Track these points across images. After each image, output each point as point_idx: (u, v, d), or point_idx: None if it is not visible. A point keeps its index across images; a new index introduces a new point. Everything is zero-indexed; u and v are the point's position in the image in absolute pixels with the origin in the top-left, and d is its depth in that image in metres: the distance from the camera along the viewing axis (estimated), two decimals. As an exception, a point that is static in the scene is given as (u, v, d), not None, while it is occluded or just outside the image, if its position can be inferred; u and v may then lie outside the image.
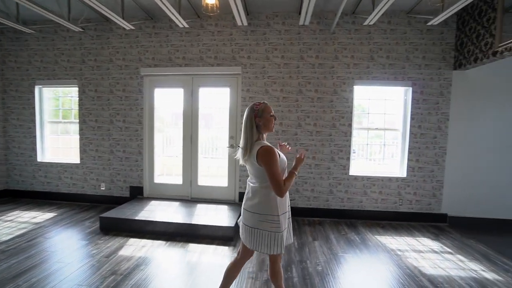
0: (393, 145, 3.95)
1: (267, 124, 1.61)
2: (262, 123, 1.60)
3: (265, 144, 1.55)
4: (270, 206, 1.56)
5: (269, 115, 1.61)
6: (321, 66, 3.74)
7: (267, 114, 1.61)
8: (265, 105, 1.63)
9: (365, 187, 3.79)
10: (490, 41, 3.04)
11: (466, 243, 3.15)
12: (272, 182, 1.49)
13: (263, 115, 1.59)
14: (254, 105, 1.62)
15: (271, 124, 1.63)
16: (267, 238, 1.56)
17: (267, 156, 1.49)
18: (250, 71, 3.84)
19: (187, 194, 4.12)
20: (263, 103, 1.63)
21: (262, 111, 1.60)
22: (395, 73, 3.67)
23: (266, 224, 1.56)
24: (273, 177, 1.47)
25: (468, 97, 3.64)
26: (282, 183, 1.49)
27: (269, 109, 1.63)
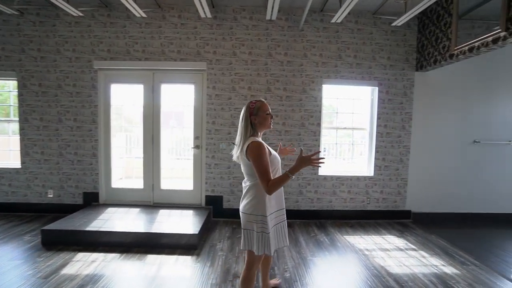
0: (362, 144, 3.99)
1: (263, 122, 1.59)
2: (257, 121, 1.58)
3: (255, 140, 1.52)
4: (259, 206, 1.54)
5: (265, 113, 1.59)
6: (289, 63, 3.64)
7: (262, 112, 1.59)
8: (262, 103, 1.61)
9: (334, 187, 3.77)
10: (447, 44, 3.15)
11: (428, 239, 3.25)
12: (260, 178, 1.45)
13: (258, 113, 1.58)
14: (250, 103, 1.61)
15: (267, 122, 1.61)
16: (255, 238, 1.54)
17: (255, 150, 1.47)
18: (216, 67, 3.63)
19: (148, 199, 3.80)
20: (259, 101, 1.62)
21: (257, 109, 1.58)
22: (362, 72, 3.69)
23: (254, 224, 1.55)
24: (260, 171, 1.45)
25: (429, 98, 3.78)
26: (268, 179, 1.44)
27: (265, 107, 1.61)
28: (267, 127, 1.63)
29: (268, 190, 1.44)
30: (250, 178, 1.59)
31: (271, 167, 1.51)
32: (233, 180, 3.73)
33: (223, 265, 2.56)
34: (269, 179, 1.44)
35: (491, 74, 3.80)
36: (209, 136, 3.70)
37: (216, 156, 3.71)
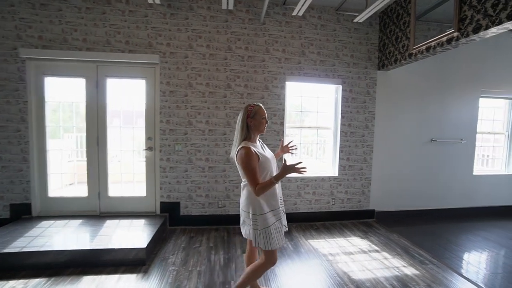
0: (327, 144, 3.89)
1: (258, 126, 1.69)
2: (253, 124, 1.68)
3: (245, 145, 1.60)
4: (253, 204, 1.63)
5: (261, 118, 1.69)
6: (251, 59, 3.42)
7: (259, 116, 1.68)
8: (259, 107, 1.69)
9: (299, 189, 3.62)
10: (407, 43, 3.14)
11: (390, 238, 3.23)
12: (248, 182, 1.58)
13: (255, 117, 1.67)
14: (249, 106, 1.69)
15: (262, 127, 1.72)
16: (258, 235, 1.63)
17: (243, 157, 1.56)
18: (170, 60, 3.28)
19: (94, 209, 3.34)
20: (257, 105, 1.70)
21: (255, 113, 1.67)
22: (326, 70, 3.59)
23: (248, 221, 1.68)
24: (248, 176, 1.57)
25: (390, 97, 3.79)
26: (256, 183, 1.55)
27: (262, 112, 1.71)
28: (261, 131, 1.73)
29: (256, 193, 1.56)
30: (243, 178, 1.68)
31: (262, 171, 1.63)
32: (191, 185, 3.42)
33: (173, 282, 2.26)
34: (256, 183, 1.55)
35: (444, 76, 3.93)
36: (163, 137, 3.34)
37: (171, 158, 3.37)
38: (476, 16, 2.29)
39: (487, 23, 2.20)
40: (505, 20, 2.07)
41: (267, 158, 1.68)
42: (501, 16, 2.10)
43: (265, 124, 1.73)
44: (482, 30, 2.23)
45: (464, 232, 3.53)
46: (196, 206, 3.46)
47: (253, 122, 1.67)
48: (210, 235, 3.23)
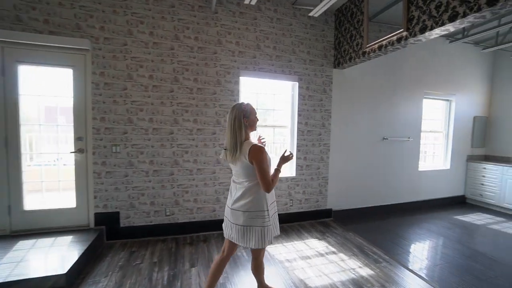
0: (285, 143, 3.76)
1: (252, 125, 1.71)
2: (248, 124, 1.67)
3: (255, 143, 1.64)
4: (261, 202, 1.66)
5: (254, 116, 1.71)
6: (201, 50, 3.09)
7: (253, 115, 1.70)
8: (250, 106, 1.70)
9: (256, 191, 3.42)
10: (360, 42, 3.14)
11: (346, 237, 3.21)
12: (262, 179, 1.59)
13: (250, 116, 1.67)
14: (242, 105, 1.67)
15: (255, 125, 1.74)
16: (259, 233, 1.65)
17: (259, 155, 1.59)
18: (105, 47, 2.80)
19: (2, 227, 2.69)
20: (248, 104, 1.70)
21: (249, 112, 1.67)
22: (282, 66, 3.44)
23: (259, 220, 1.65)
24: (264, 174, 1.58)
25: (345, 95, 3.81)
26: (270, 179, 1.61)
27: (254, 110, 1.73)
28: (254, 129, 1.75)
29: (269, 189, 1.61)
30: (249, 178, 1.66)
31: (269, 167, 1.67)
32: (133, 191, 2.98)
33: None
34: (270, 181, 1.61)
35: (393, 78, 4.09)
36: (97, 137, 2.84)
37: (108, 162, 2.88)
38: (422, 17, 2.31)
39: (432, 24, 2.23)
40: (447, 21, 2.11)
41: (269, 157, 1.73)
42: (444, 17, 2.13)
43: (256, 122, 1.76)
44: (428, 30, 2.26)
45: (412, 226, 3.70)
46: (140, 215, 3.03)
47: (248, 121, 1.67)
48: (156, 248, 2.84)
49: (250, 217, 1.65)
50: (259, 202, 1.65)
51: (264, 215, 1.65)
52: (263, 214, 1.65)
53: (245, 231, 1.67)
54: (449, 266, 2.63)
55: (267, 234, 1.67)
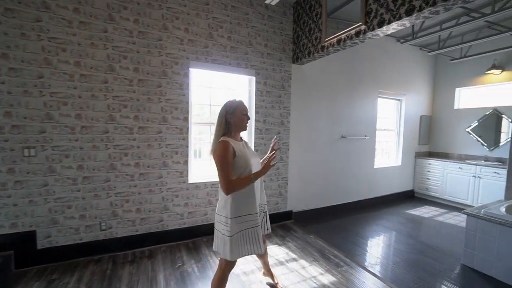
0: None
1: (238, 122, 1.59)
2: (233, 121, 1.58)
3: (224, 139, 1.51)
4: (227, 208, 1.52)
5: (241, 114, 1.59)
6: (143, 35, 2.65)
7: (239, 112, 1.58)
8: (239, 102, 1.62)
9: (210, 195, 3.09)
10: (319, 35, 3.01)
11: (307, 241, 3.07)
12: (220, 178, 1.48)
13: (235, 112, 1.58)
14: (229, 102, 1.61)
15: (243, 123, 1.61)
16: (222, 241, 1.53)
17: (220, 151, 1.48)
18: (9, 22, 2.19)
19: None
20: (238, 101, 1.62)
21: (235, 109, 1.58)
22: (238, 58, 3.15)
23: (221, 226, 1.54)
24: (221, 173, 1.46)
25: (304, 92, 3.68)
26: (228, 179, 1.45)
27: (243, 107, 1.61)
28: (242, 128, 1.62)
29: (227, 190, 1.46)
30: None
31: (238, 168, 1.52)
32: (56, 204, 2.42)
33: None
34: (228, 180, 1.45)
35: (350, 76, 4.10)
36: (0, 137, 2.22)
37: (18, 168, 2.28)
38: (380, 10, 2.23)
39: (390, 18, 2.15)
40: (404, 15, 2.04)
41: (246, 156, 1.56)
42: (401, 11, 2.06)
43: (246, 120, 1.63)
44: (386, 24, 2.18)
45: (369, 223, 3.74)
46: (66, 232, 2.48)
47: (233, 118, 1.58)
48: (85, 272, 2.34)
49: (217, 220, 1.59)
50: (225, 206, 1.53)
51: (227, 223, 1.51)
52: (226, 221, 1.51)
53: (215, 233, 1.61)
54: (405, 263, 2.64)
55: (233, 246, 1.50)
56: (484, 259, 2.46)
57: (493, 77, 4.32)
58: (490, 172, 3.98)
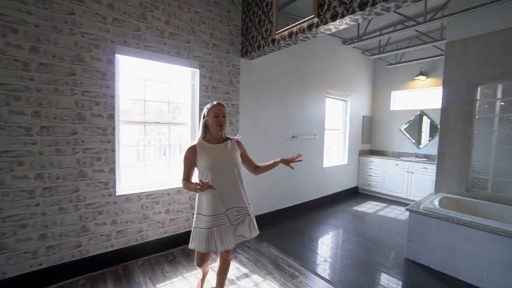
0: (184, 143, 3.04)
1: (212, 124, 1.65)
2: (208, 124, 1.66)
3: (192, 144, 1.69)
4: (198, 202, 1.68)
5: (213, 116, 1.63)
6: (44, 4, 2.00)
7: (211, 114, 1.64)
8: (213, 105, 1.67)
9: (146, 208, 2.58)
10: (269, 28, 2.79)
11: (260, 251, 2.82)
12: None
13: (209, 115, 1.65)
14: (207, 105, 1.70)
15: (215, 125, 1.64)
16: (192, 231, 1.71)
17: (184, 154, 1.66)
18: None
19: None
20: (213, 104, 1.67)
21: (208, 111, 1.66)
22: (179, 46, 2.71)
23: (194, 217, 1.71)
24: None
25: (254, 89, 3.44)
26: (183, 178, 1.65)
27: (216, 109, 1.65)
28: (216, 130, 1.65)
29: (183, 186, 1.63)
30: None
31: (199, 170, 1.66)
32: None
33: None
34: (183, 179, 1.64)
35: (300, 75, 4.03)
36: None
37: None
38: (333, 3, 2.10)
39: (343, 11, 2.03)
40: (357, 9, 1.94)
41: (208, 160, 1.61)
42: (354, 5, 1.96)
43: (219, 121, 1.64)
44: (339, 18, 2.06)
45: (319, 223, 3.71)
46: None
47: (208, 121, 1.66)
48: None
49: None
50: (197, 201, 1.69)
51: (196, 217, 1.68)
52: (196, 215, 1.68)
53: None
54: (355, 264, 2.61)
55: (194, 237, 1.68)
56: (423, 252, 2.59)
57: (420, 83, 4.80)
58: (420, 167, 4.40)
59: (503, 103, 2.87)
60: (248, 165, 1.85)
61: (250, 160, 1.86)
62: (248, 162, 1.85)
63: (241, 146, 1.81)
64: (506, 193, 2.86)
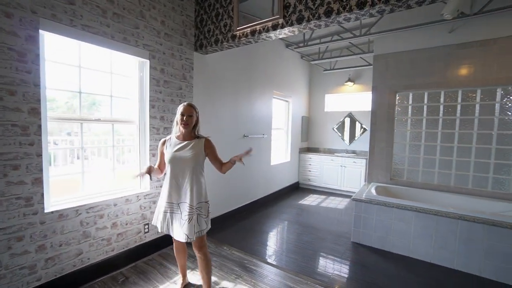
0: (129, 143, 2.62)
1: (179, 122, 1.83)
2: (178, 121, 1.84)
3: (165, 137, 1.94)
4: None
5: (179, 114, 1.82)
6: None
7: (179, 112, 1.82)
8: (182, 105, 1.84)
9: (86, 225, 2.11)
10: (229, 22, 2.68)
11: (223, 255, 2.69)
12: None
13: (178, 113, 1.83)
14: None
15: (181, 122, 1.81)
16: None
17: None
18: None
19: None
20: (183, 103, 1.84)
21: (178, 110, 1.84)
22: (125, 31, 2.31)
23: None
24: None
25: (208, 86, 3.26)
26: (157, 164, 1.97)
27: (182, 108, 1.82)
28: (183, 126, 1.81)
29: None
30: None
31: (160, 160, 1.94)
32: None
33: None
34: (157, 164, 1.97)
35: (251, 75, 4.05)
36: None
37: None
38: (299, 6, 2.18)
39: (309, 16, 2.13)
40: (323, 15, 2.07)
41: (167, 155, 1.83)
42: (320, 11, 2.08)
43: (181, 120, 1.80)
44: (305, 21, 2.15)
45: (271, 220, 3.83)
46: None
47: (177, 119, 1.83)
48: None
49: None
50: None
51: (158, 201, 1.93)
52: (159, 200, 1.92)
53: None
54: (313, 253, 2.80)
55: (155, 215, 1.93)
56: (367, 234, 3.00)
57: (349, 88, 5.54)
58: (351, 162, 5.08)
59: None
60: (214, 163, 1.96)
61: (217, 159, 1.94)
62: (214, 161, 1.94)
63: (208, 145, 1.89)
64: (415, 179, 3.60)
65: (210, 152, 1.90)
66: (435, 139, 3.47)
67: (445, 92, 3.39)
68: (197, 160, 1.82)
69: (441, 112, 3.43)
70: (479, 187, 3.21)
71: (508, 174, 3.09)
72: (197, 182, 1.82)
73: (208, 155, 1.90)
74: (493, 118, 3.15)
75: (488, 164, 3.18)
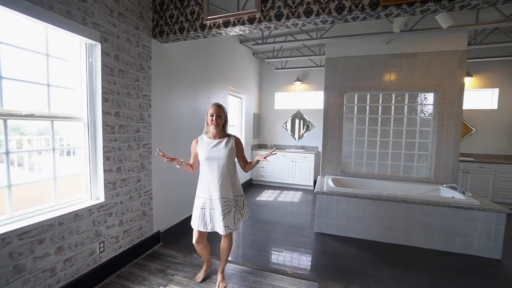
0: (72, 144, 2.11)
1: (208, 121, 1.98)
2: (207, 121, 1.99)
3: (198, 137, 2.06)
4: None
5: (207, 114, 1.98)
6: None
7: (208, 113, 1.97)
8: (211, 105, 1.98)
9: (18, 257, 1.59)
10: (197, 10, 2.44)
11: (195, 264, 2.47)
12: None
13: (207, 113, 1.99)
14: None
15: (211, 123, 1.94)
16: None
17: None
18: None
19: None
20: (212, 104, 1.99)
21: (207, 110, 1.99)
22: (69, 3, 1.82)
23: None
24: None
25: (166, 78, 2.91)
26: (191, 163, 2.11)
27: (211, 109, 1.97)
28: (210, 126, 1.96)
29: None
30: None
31: (194, 159, 2.11)
32: None
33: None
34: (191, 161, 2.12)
35: (209, 70, 3.83)
36: None
37: None
38: (277, 3, 2.14)
39: (288, 13, 2.12)
40: (302, 15, 2.10)
41: (202, 153, 1.96)
42: (299, 10, 2.10)
43: (210, 120, 1.94)
44: (284, 18, 2.13)
45: (235, 220, 3.74)
46: None
47: (207, 118, 1.99)
48: None
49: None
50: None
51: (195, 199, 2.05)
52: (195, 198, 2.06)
53: None
54: (284, 247, 2.87)
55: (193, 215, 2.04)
56: (329, 224, 3.24)
57: (297, 87, 5.86)
58: (301, 157, 5.41)
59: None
60: (240, 161, 2.08)
61: (243, 157, 2.08)
62: (241, 158, 2.07)
63: (238, 143, 2.04)
64: (360, 170, 4.10)
65: (239, 150, 2.03)
66: (375, 135, 4.02)
67: (382, 95, 3.96)
68: (231, 157, 1.96)
69: (380, 111, 3.98)
70: (407, 174, 3.89)
71: (426, 162, 3.84)
72: (233, 177, 1.97)
73: (237, 152, 2.02)
74: (416, 117, 3.86)
75: (413, 155, 3.87)
